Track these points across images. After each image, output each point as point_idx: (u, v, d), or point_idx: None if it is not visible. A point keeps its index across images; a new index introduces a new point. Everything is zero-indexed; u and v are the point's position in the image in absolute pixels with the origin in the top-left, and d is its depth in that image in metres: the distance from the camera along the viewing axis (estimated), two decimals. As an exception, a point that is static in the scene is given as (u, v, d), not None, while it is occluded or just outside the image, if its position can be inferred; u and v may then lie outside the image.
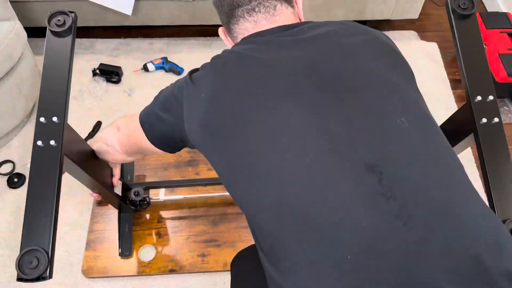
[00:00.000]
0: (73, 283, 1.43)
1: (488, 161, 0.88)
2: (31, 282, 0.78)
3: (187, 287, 1.43)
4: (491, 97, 0.93)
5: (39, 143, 0.89)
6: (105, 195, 1.33)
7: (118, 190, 1.37)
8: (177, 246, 1.49)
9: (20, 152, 1.74)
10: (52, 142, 0.90)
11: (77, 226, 1.55)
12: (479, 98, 0.93)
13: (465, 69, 0.96)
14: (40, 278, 0.78)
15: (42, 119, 0.91)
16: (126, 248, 1.48)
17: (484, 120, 0.91)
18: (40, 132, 0.90)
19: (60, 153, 0.90)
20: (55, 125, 0.91)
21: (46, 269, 0.78)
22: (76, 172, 1.08)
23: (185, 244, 1.50)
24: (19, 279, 0.78)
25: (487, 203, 0.84)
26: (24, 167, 1.70)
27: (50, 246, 0.81)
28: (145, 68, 2.02)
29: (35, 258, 0.78)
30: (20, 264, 0.78)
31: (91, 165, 1.15)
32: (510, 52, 1.87)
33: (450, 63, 2.13)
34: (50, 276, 0.79)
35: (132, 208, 1.50)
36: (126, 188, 1.43)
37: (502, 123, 0.91)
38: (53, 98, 0.93)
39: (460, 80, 2.04)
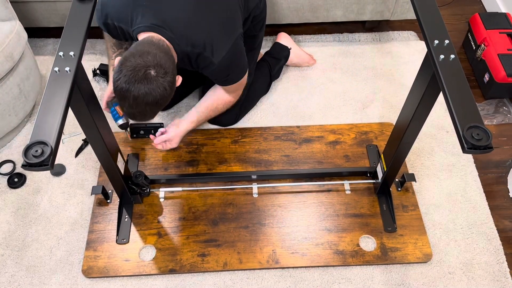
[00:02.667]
0: (73, 283, 1.43)
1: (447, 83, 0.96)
2: (34, 168, 0.85)
3: (187, 287, 1.44)
4: (447, 41, 1.02)
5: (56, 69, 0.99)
6: (110, 169, 1.38)
7: (120, 166, 1.42)
8: (177, 246, 1.50)
9: (20, 152, 1.74)
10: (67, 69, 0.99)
11: (77, 226, 1.55)
12: (436, 42, 1.02)
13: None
14: (42, 165, 0.85)
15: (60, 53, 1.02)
16: (123, 235, 1.52)
17: (442, 56, 0.99)
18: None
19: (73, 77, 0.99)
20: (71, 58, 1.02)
21: (49, 158, 0.85)
22: (82, 110, 1.15)
23: (185, 244, 1.50)
24: (24, 165, 0.85)
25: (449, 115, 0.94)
26: (24, 167, 1.70)
27: (55, 142, 0.88)
28: (145, 69, 2.02)
29: (41, 148, 0.86)
30: (26, 152, 0.86)
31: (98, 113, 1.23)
32: (509, 52, 1.87)
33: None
34: (52, 166, 0.86)
35: (131, 199, 1.54)
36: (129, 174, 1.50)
37: (457, 58, 0.99)
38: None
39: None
